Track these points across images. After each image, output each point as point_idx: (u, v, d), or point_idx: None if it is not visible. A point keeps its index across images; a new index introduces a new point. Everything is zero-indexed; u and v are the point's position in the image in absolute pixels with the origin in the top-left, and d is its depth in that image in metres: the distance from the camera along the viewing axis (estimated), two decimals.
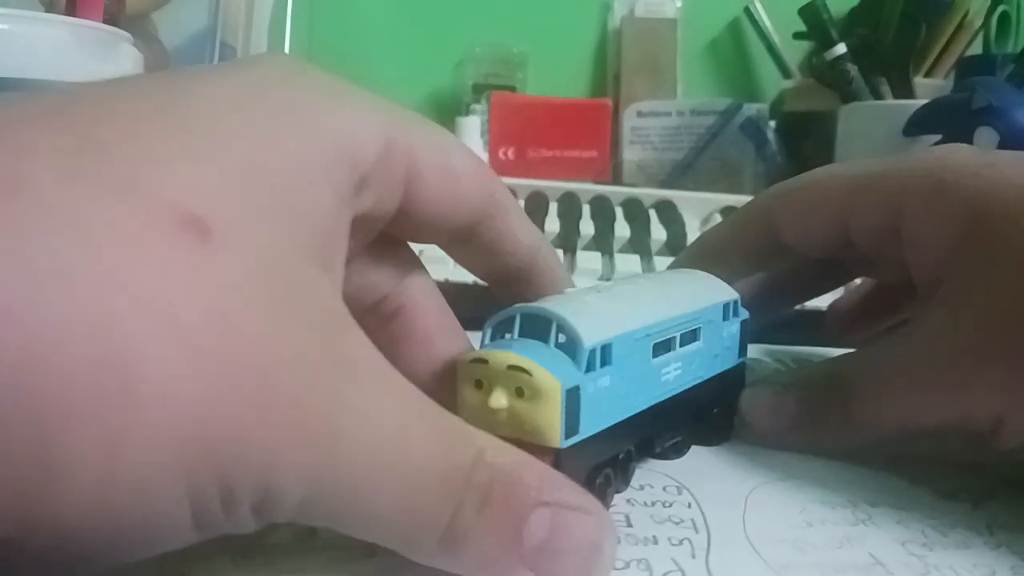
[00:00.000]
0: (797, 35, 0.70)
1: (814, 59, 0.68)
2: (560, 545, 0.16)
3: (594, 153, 0.75)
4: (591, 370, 0.20)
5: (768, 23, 0.79)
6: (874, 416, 0.24)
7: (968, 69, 0.61)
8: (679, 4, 0.81)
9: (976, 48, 0.66)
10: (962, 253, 0.23)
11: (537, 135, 0.74)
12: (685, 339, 0.23)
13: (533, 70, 0.80)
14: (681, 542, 0.20)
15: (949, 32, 0.68)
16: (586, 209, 0.53)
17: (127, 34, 0.37)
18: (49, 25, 0.34)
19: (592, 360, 0.20)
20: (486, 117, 0.73)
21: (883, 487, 0.24)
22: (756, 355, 0.35)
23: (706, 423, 0.26)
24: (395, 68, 0.80)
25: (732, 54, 0.85)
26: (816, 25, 0.65)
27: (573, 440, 0.19)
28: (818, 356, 0.35)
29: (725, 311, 0.25)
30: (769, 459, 0.25)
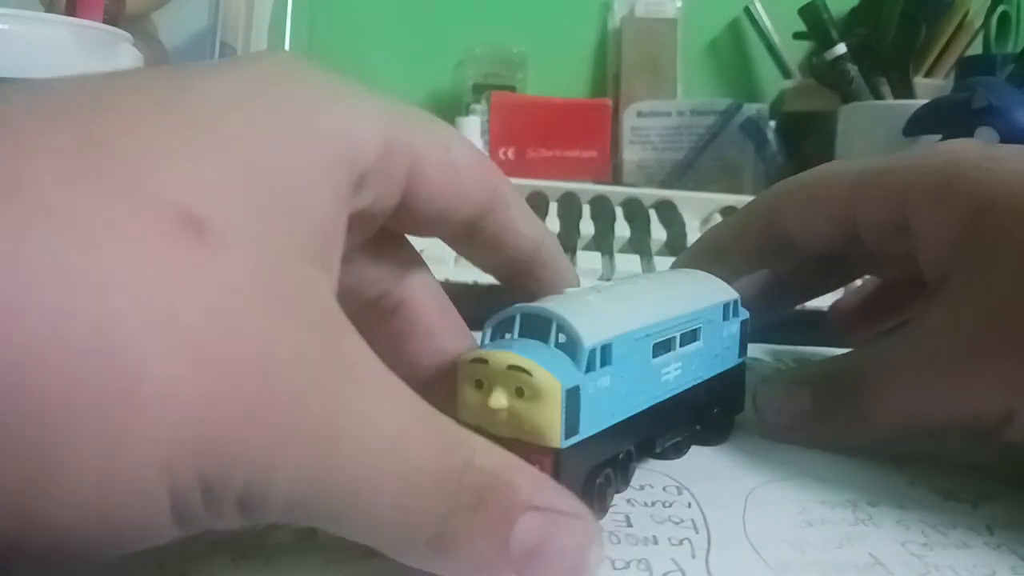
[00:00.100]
0: (797, 35, 0.70)
1: (814, 59, 0.68)
2: (548, 550, 0.16)
3: (594, 153, 0.75)
4: (591, 370, 0.20)
5: (768, 23, 0.78)
6: (882, 413, 0.24)
7: (968, 69, 0.61)
8: (679, 4, 0.81)
9: (976, 48, 0.66)
10: (966, 248, 0.23)
11: (537, 135, 0.74)
12: (685, 339, 0.23)
13: (533, 70, 0.80)
14: (681, 542, 0.20)
15: (949, 32, 0.68)
16: (586, 209, 0.53)
17: (127, 34, 0.37)
18: (49, 25, 0.34)
19: (592, 360, 0.20)
20: (486, 117, 0.73)
21: (883, 487, 0.23)
22: (756, 355, 0.35)
23: (706, 423, 0.26)
24: (395, 68, 0.80)
25: (732, 54, 0.85)
26: (816, 25, 0.65)
27: (573, 440, 0.19)
28: (818, 356, 0.35)
29: (725, 311, 0.25)
30: (769, 459, 0.25)
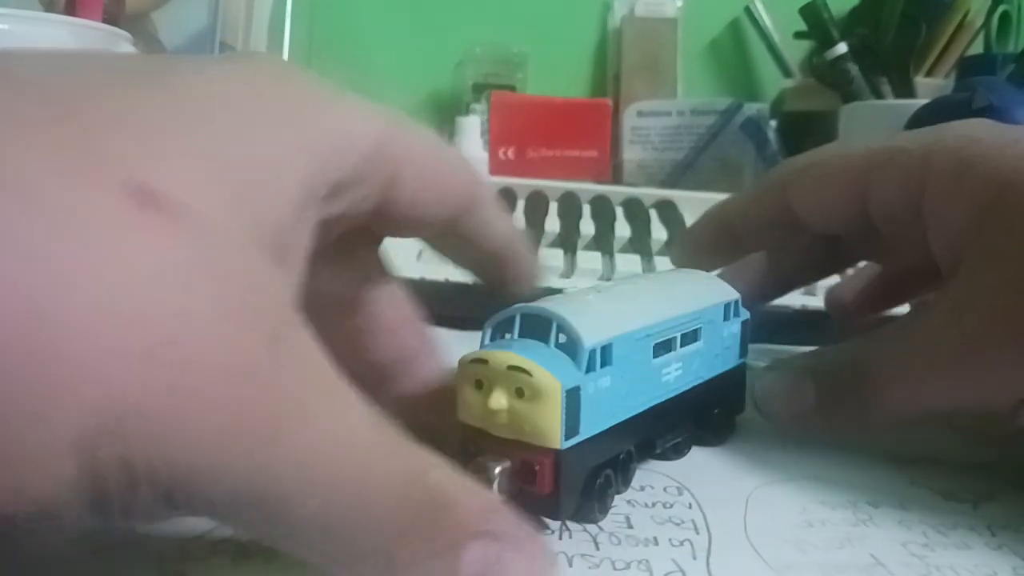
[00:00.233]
0: (798, 35, 0.70)
1: (815, 59, 0.68)
2: None
3: (594, 153, 0.75)
4: (591, 370, 0.20)
5: (768, 23, 0.78)
6: (892, 400, 0.24)
7: (969, 69, 0.61)
8: (679, 4, 0.81)
9: (977, 48, 0.66)
10: (982, 232, 0.23)
11: (537, 135, 0.74)
12: (686, 339, 0.23)
13: (533, 70, 0.80)
14: (682, 543, 0.20)
15: (950, 32, 0.68)
16: (586, 209, 0.53)
17: (127, 34, 0.37)
18: (49, 25, 0.34)
19: (592, 360, 0.20)
20: (486, 117, 0.73)
21: (883, 487, 0.23)
22: (756, 355, 0.35)
23: (707, 424, 0.26)
24: (395, 68, 0.80)
25: (732, 54, 0.85)
26: (817, 25, 0.65)
27: (573, 441, 0.19)
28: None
29: (726, 311, 0.25)
30: (770, 460, 0.25)
